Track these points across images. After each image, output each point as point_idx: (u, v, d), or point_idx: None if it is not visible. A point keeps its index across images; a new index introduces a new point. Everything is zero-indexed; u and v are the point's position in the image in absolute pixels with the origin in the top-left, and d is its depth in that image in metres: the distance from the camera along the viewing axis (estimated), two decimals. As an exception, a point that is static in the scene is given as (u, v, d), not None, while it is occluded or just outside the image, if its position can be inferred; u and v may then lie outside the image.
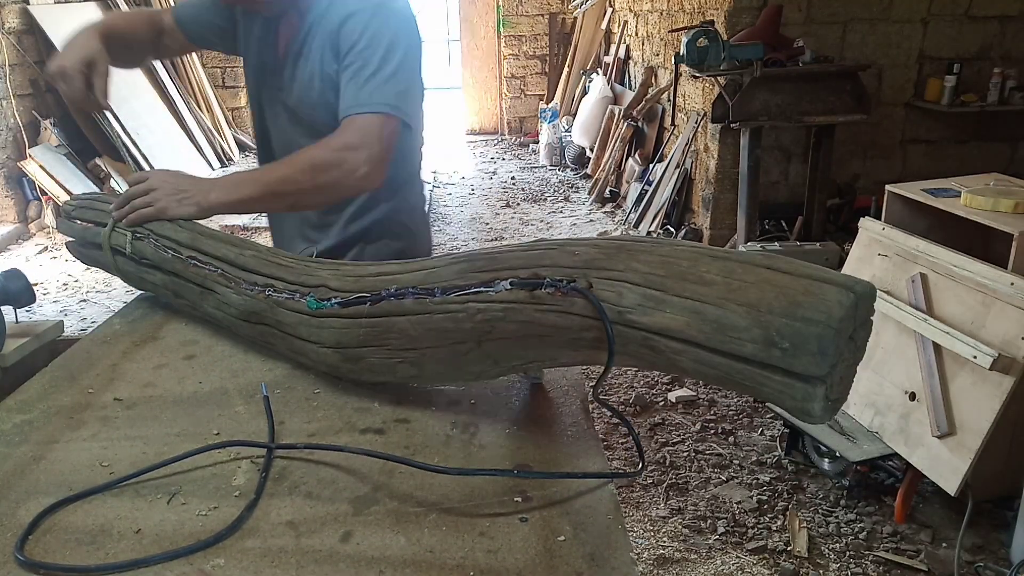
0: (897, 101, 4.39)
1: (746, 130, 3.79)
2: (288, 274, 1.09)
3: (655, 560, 2.18)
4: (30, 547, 0.74)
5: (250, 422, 0.96)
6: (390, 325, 0.94)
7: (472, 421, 0.96)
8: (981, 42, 4.28)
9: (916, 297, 2.27)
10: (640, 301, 0.76)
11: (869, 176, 4.47)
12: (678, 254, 0.78)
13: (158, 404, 1.01)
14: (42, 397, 1.03)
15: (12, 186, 5.50)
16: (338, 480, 0.84)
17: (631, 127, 5.78)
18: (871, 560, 2.15)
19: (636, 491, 2.48)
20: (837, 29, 4.21)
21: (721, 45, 3.64)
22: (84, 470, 0.87)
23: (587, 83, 7.16)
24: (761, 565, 2.15)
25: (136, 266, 1.27)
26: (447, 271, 0.92)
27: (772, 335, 0.68)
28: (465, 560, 0.72)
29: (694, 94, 4.84)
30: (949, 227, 2.55)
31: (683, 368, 0.76)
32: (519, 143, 8.11)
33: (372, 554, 0.72)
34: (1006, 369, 1.96)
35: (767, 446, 2.69)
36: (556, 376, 1.07)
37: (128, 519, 0.78)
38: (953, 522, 2.25)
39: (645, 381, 3.18)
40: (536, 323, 0.83)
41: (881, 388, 2.34)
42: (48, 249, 5.14)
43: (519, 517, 0.77)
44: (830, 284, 0.70)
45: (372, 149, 1.19)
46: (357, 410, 0.99)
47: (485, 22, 8.21)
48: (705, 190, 4.60)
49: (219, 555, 0.73)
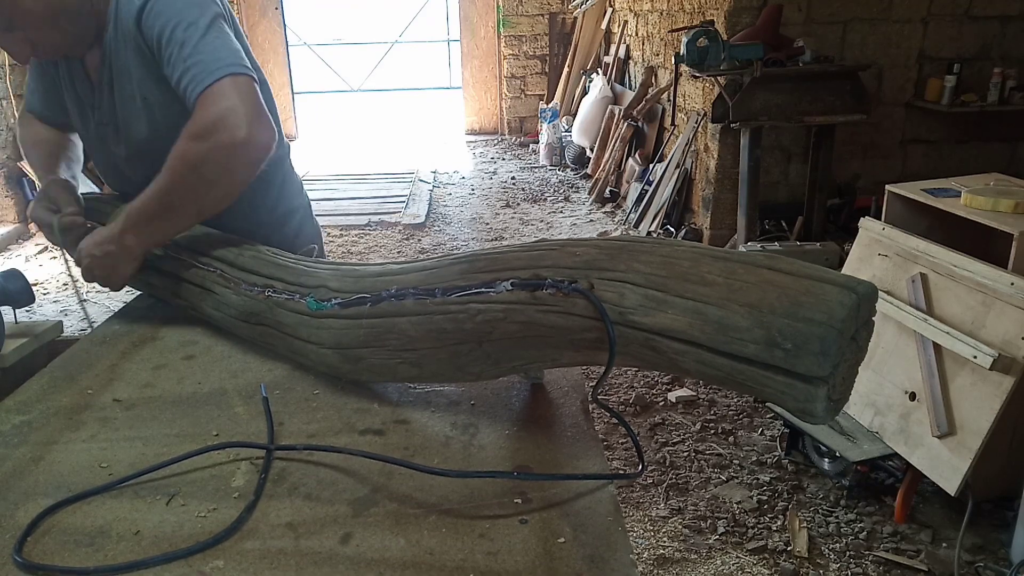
0: (897, 101, 4.39)
1: (746, 130, 3.79)
2: (288, 275, 1.09)
3: (655, 560, 2.18)
4: (29, 549, 0.74)
5: (249, 423, 0.96)
6: (390, 326, 0.94)
7: (472, 422, 0.95)
8: (981, 42, 4.28)
9: (916, 297, 2.27)
10: (642, 302, 0.76)
11: (869, 176, 4.47)
12: (679, 254, 0.78)
13: (157, 405, 1.01)
14: (41, 398, 1.03)
15: (12, 186, 5.49)
16: (337, 481, 0.84)
17: (631, 127, 5.77)
18: (871, 560, 2.14)
19: (636, 491, 2.48)
20: (837, 29, 4.21)
21: (721, 45, 3.64)
22: (83, 471, 0.86)
23: (587, 83, 7.16)
24: (761, 565, 2.14)
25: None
26: (448, 272, 0.92)
27: (774, 336, 0.68)
28: (465, 562, 0.71)
29: (694, 94, 4.84)
30: (949, 227, 2.55)
31: (685, 369, 0.76)
32: (519, 143, 8.11)
33: (372, 556, 0.72)
34: (1006, 369, 1.96)
35: (767, 446, 2.69)
36: (556, 376, 1.06)
37: (127, 520, 0.78)
38: (953, 522, 2.25)
39: (645, 381, 3.18)
40: (537, 324, 0.83)
41: (881, 388, 2.34)
42: (48, 249, 5.13)
43: (519, 519, 0.77)
44: (832, 284, 0.69)
45: (239, 112, 1.09)
46: (357, 411, 0.99)
47: (485, 22, 8.21)
48: (705, 190, 4.60)
49: (218, 556, 0.73)
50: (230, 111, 1.09)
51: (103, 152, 1.35)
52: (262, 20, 8.14)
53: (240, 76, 1.11)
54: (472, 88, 8.53)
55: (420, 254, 4.87)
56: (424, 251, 4.95)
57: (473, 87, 8.53)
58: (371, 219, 5.50)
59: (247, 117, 1.09)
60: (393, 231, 5.35)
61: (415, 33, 10.87)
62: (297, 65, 8.88)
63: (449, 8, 9.38)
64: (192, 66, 1.11)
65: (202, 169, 1.09)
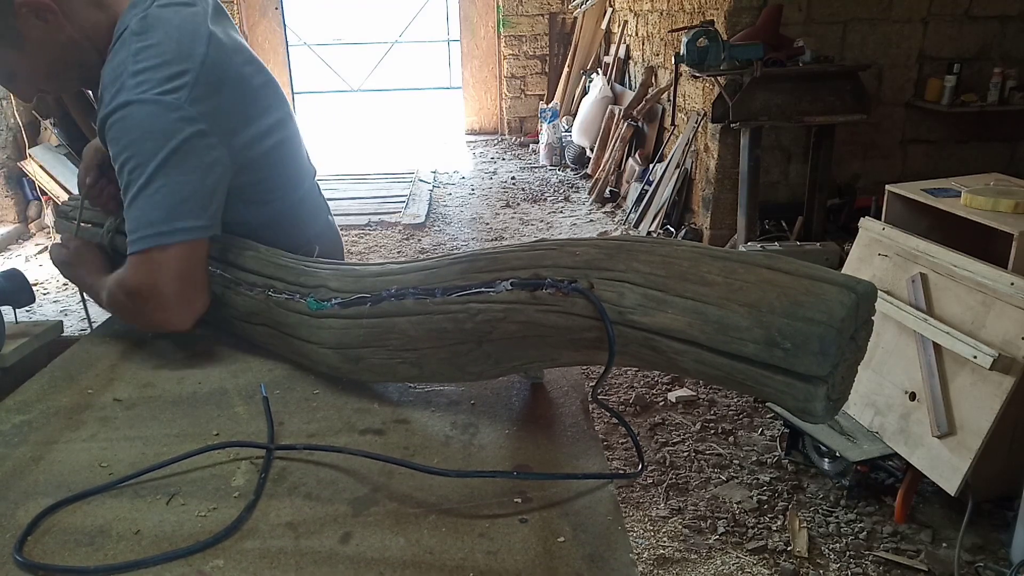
0: (897, 101, 4.39)
1: (746, 130, 3.79)
2: (288, 274, 1.09)
3: (655, 560, 2.18)
4: (29, 548, 0.74)
5: (249, 423, 0.96)
6: (390, 326, 0.94)
7: (472, 421, 0.95)
8: (981, 42, 4.28)
9: (916, 297, 2.27)
10: (641, 301, 0.76)
11: (869, 176, 4.47)
12: (679, 254, 0.78)
13: (157, 404, 1.01)
14: (41, 397, 1.03)
15: (12, 186, 5.49)
16: (337, 481, 0.84)
17: (631, 127, 5.78)
18: (871, 560, 2.15)
19: (636, 491, 2.48)
20: (837, 29, 4.21)
21: (721, 45, 3.64)
22: (83, 471, 0.86)
23: (587, 83, 7.16)
24: (761, 565, 2.15)
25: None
26: (448, 271, 0.92)
27: (774, 335, 0.68)
28: (465, 561, 0.71)
29: (694, 94, 4.84)
30: (949, 227, 2.55)
31: (684, 368, 0.76)
32: (519, 143, 8.11)
33: (371, 555, 0.72)
34: (1006, 369, 1.96)
35: (767, 446, 2.69)
36: (556, 376, 1.06)
37: (127, 520, 0.78)
38: (953, 522, 2.25)
39: (645, 381, 3.18)
40: (537, 323, 0.83)
41: (881, 388, 2.34)
42: (48, 249, 5.13)
43: (519, 518, 0.77)
44: (831, 284, 0.69)
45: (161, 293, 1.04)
46: (357, 411, 0.99)
47: (485, 22, 8.21)
48: (705, 190, 4.60)
49: (218, 556, 0.73)
50: (151, 290, 1.04)
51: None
52: (262, 20, 8.15)
53: (165, 248, 1.03)
54: (472, 88, 8.54)
55: (420, 254, 4.87)
56: (424, 251, 4.95)
57: (473, 87, 8.53)
58: (371, 219, 5.50)
59: (170, 297, 1.05)
60: (393, 231, 5.36)
61: (415, 33, 10.87)
62: (297, 65, 8.89)
63: (449, 8, 9.38)
64: (128, 220, 1.05)
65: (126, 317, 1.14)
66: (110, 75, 1.06)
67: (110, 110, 1.04)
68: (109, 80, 1.06)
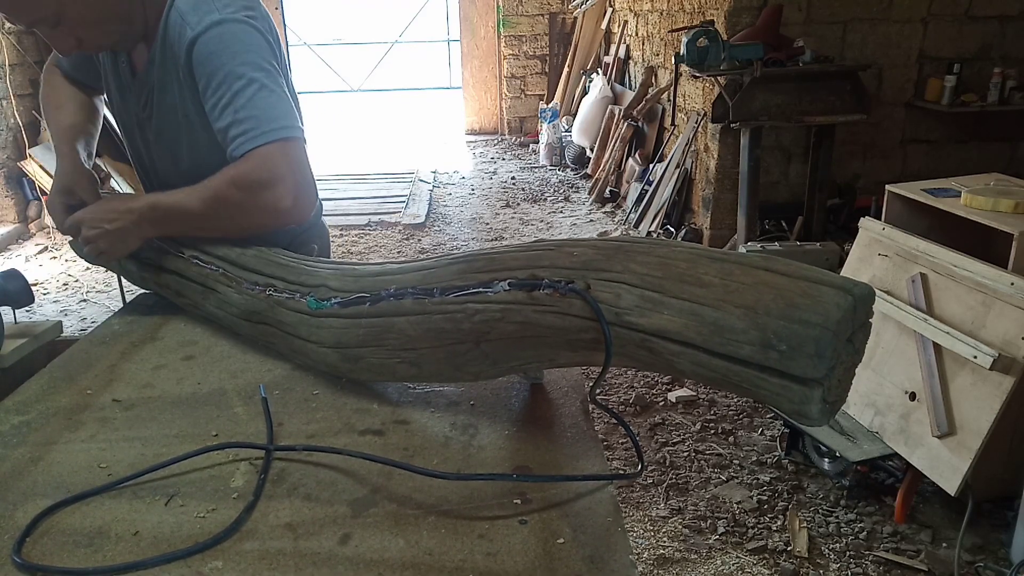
0: (897, 101, 4.39)
1: (746, 130, 3.79)
2: (288, 274, 1.09)
3: (655, 560, 2.18)
4: (27, 549, 0.74)
5: (249, 423, 0.96)
6: (389, 325, 0.94)
7: (471, 422, 0.96)
8: (981, 42, 4.28)
9: (916, 297, 2.27)
10: (638, 303, 0.76)
11: (869, 176, 4.46)
12: (676, 255, 0.78)
13: (157, 405, 1.01)
14: (40, 398, 1.03)
15: (12, 186, 5.49)
16: (337, 482, 0.84)
17: (631, 127, 5.77)
18: (871, 560, 2.14)
19: (636, 491, 2.48)
20: (837, 29, 4.21)
21: (721, 45, 3.64)
22: (82, 472, 0.86)
23: (587, 83, 7.16)
24: (761, 565, 2.15)
25: (139, 265, 1.28)
26: (446, 271, 0.92)
27: (769, 337, 0.68)
28: (464, 563, 0.71)
29: (694, 94, 4.84)
30: (949, 227, 2.54)
31: (680, 370, 0.76)
32: (519, 143, 8.11)
33: (371, 556, 0.72)
34: (1006, 369, 1.96)
35: (767, 446, 2.69)
36: (556, 377, 1.07)
37: (126, 521, 0.78)
38: (953, 522, 2.25)
39: (645, 381, 3.18)
40: (534, 324, 0.83)
41: (881, 388, 2.34)
42: (48, 249, 5.13)
43: (518, 519, 0.77)
44: (828, 286, 0.69)
45: (287, 182, 1.10)
46: (356, 411, 0.99)
47: (485, 22, 8.21)
48: (705, 190, 4.60)
49: (217, 557, 0.73)
50: (279, 179, 1.10)
51: (132, 133, 1.35)
52: (262, 20, 8.13)
53: (291, 141, 1.12)
54: (472, 88, 8.53)
55: (420, 254, 4.87)
56: (424, 251, 4.95)
57: (473, 87, 8.52)
58: (371, 219, 5.50)
59: (294, 189, 1.11)
60: (393, 231, 5.36)
61: (415, 33, 10.87)
62: (297, 65, 8.89)
63: (449, 8, 9.38)
64: (243, 120, 1.11)
65: (236, 215, 1.14)
66: (187, 3, 1.14)
67: (203, 28, 1.11)
68: (188, 8, 1.13)
